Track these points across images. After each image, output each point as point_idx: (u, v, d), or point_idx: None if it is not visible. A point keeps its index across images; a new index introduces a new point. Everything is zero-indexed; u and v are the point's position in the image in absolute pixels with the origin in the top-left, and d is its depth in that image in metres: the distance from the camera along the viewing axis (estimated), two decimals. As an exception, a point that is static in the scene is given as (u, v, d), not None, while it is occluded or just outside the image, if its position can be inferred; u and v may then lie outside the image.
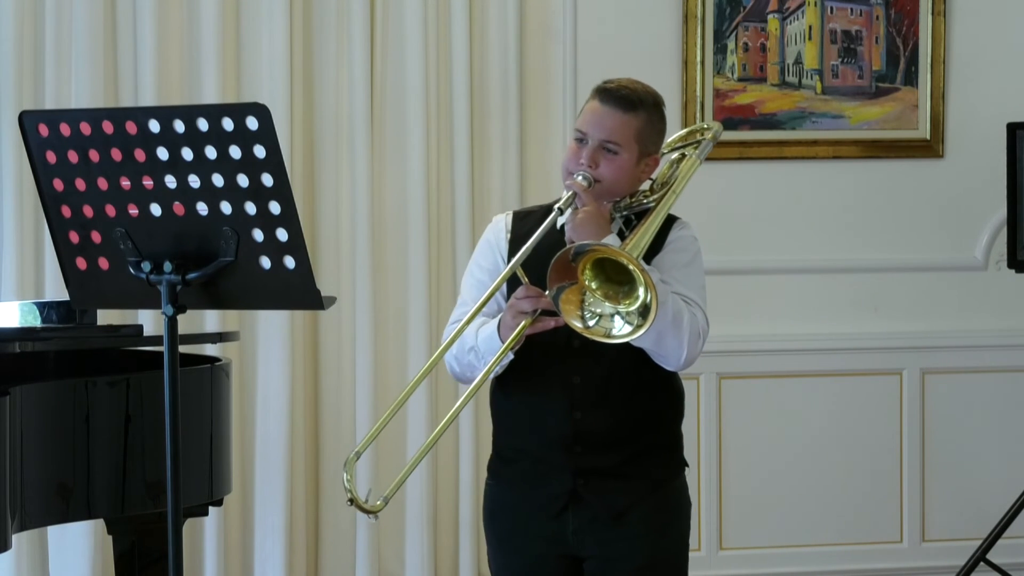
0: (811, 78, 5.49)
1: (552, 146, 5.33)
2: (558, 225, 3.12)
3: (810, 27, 5.48)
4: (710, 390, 5.40)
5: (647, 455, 3.20)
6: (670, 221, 3.19)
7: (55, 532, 4.94)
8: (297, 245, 2.86)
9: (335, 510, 5.19)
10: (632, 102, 3.15)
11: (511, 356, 3.11)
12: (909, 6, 5.50)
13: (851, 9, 5.49)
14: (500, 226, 3.27)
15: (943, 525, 5.52)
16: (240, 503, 5.15)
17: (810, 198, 5.52)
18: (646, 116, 3.16)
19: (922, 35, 5.50)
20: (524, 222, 3.24)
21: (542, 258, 3.03)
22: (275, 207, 2.84)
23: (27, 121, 2.96)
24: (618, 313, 2.97)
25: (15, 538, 3.64)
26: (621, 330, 2.97)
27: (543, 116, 5.33)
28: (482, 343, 3.13)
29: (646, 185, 3.23)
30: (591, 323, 2.99)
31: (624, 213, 3.19)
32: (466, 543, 5.23)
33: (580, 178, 3.12)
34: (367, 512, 2.96)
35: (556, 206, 3.11)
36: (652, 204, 3.17)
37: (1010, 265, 5.21)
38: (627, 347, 3.06)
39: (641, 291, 2.93)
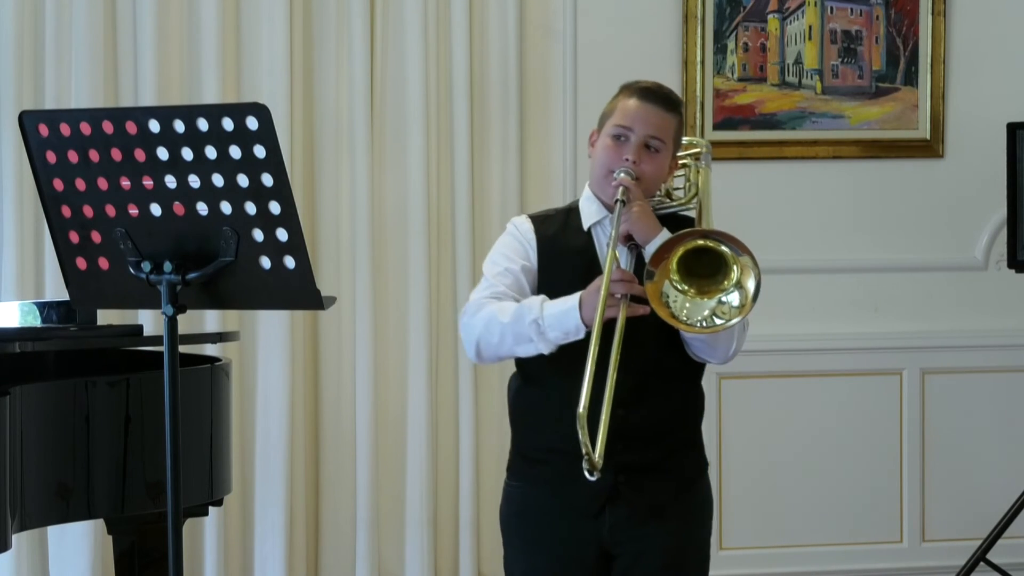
0: (811, 78, 5.48)
1: (552, 146, 5.32)
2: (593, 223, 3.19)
3: (810, 27, 5.47)
4: (710, 390, 5.30)
5: (680, 452, 3.23)
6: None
7: (55, 532, 4.93)
8: (297, 245, 2.86)
9: (335, 510, 5.18)
10: (673, 102, 3.22)
11: (556, 342, 3.06)
12: (909, 6, 5.50)
13: (851, 9, 5.48)
14: (526, 227, 3.24)
15: (943, 525, 5.52)
16: (240, 503, 5.14)
17: (810, 198, 5.51)
18: (679, 119, 3.23)
19: (922, 35, 5.50)
20: (546, 224, 3.24)
21: (568, 258, 3.11)
22: (275, 207, 2.84)
23: (27, 121, 2.96)
24: (706, 305, 3.03)
25: (15, 538, 3.63)
26: (714, 320, 3.01)
27: (543, 116, 5.32)
28: (550, 317, 3.04)
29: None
30: (682, 316, 3.02)
31: None
32: (466, 543, 5.22)
33: (624, 174, 3.12)
34: (594, 469, 2.89)
35: (617, 198, 3.10)
36: (676, 208, 3.27)
37: (1010, 265, 5.21)
38: (668, 342, 3.12)
39: (735, 273, 3.02)
